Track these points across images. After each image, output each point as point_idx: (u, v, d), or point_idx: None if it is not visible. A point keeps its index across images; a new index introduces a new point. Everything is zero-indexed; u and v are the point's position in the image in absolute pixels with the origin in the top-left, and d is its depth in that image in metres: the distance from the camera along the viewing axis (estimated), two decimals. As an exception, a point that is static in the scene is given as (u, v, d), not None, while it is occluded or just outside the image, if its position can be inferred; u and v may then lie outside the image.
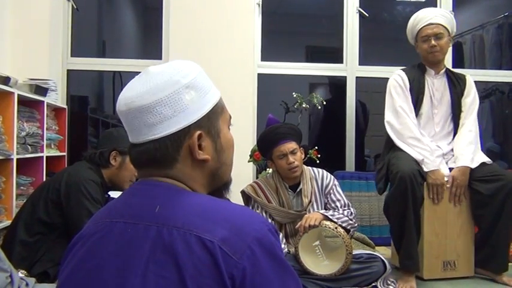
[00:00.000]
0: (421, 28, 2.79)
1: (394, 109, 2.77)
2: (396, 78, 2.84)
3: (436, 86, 2.84)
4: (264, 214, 2.59)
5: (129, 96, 0.81)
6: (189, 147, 0.82)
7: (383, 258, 2.49)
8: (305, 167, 2.66)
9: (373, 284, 2.45)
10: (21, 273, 1.85)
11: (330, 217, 2.46)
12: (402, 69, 2.90)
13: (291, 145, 2.52)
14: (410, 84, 2.80)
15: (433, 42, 2.75)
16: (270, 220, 2.57)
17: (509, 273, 2.63)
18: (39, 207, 2.06)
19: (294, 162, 2.50)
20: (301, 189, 2.59)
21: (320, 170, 2.71)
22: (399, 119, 2.74)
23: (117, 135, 2.21)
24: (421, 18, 2.80)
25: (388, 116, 2.80)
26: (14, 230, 2.07)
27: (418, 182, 2.52)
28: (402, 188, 2.48)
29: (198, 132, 0.82)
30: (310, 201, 2.58)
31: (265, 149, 2.62)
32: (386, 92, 2.87)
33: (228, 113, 0.92)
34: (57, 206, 2.05)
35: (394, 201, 2.55)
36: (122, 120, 0.85)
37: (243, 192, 2.66)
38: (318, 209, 2.60)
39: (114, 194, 2.38)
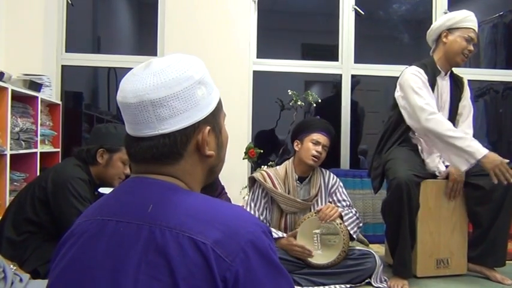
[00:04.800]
0: (469, 28, 2.74)
1: (421, 107, 2.58)
2: (417, 75, 2.67)
3: (444, 88, 2.82)
4: (265, 201, 2.62)
5: (140, 88, 0.78)
6: (197, 143, 0.82)
7: (375, 254, 2.52)
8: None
9: (367, 280, 2.47)
10: (12, 266, 1.85)
11: (343, 215, 2.51)
12: (418, 66, 2.74)
13: (327, 141, 2.66)
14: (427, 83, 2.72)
15: (472, 47, 2.73)
16: (273, 208, 2.61)
17: (503, 271, 2.65)
18: (26, 206, 2.03)
19: (320, 154, 2.61)
20: (310, 179, 2.67)
21: (327, 170, 2.78)
22: (436, 123, 2.54)
23: (105, 132, 2.17)
24: (473, 20, 2.76)
25: (424, 122, 2.56)
26: (1, 228, 2.05)
27: (415, 188, 2.49)
28: (398, 195, 2.46)
29: (208, 127, 0.82)
30: (316, 194, 2.63)
31: (304, 128, 2.70)
32: (406, 87, 2.67)
33: (223, 111, 0.92)
34: (45, 205, 2.02)
35: (389, 208, 2.55)
36: (125, 112, 0.81)
37: (251, 177, 2.72)
38: (321, 205, 2.63)
39: (105, 190, 2.36)
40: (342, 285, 2.44)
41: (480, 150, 2.41)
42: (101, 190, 2.29)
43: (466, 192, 2.69)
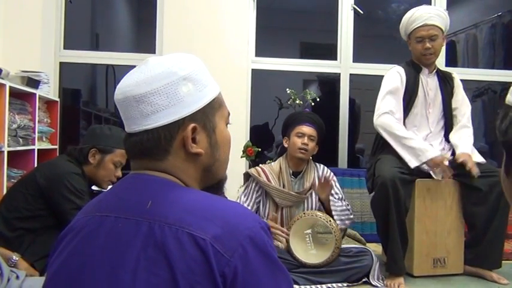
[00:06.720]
0: (416, 28, 2.74)
1: (382, 112, 2.73)
2: (394, 76, 2.79)
3: (430, 85, 2.84)
4: (257, 195, 2.68)
5: (126, 84, 0.81)
6: (183, 140, 0.81)
7: (372, 251, 2.53)
8: (310, 159, 2.79)
9: (364, 279, 2.48)
10: (15, 256, 1.86)
11: (331, 202, 2.57)
12: (401, 65, 2.85)
13: (313, 132, 2.67)
14: (406, 82, 2.78)
15: (427, 44, 2.71)
16: (268, 202, 2.66)
17: (499, 270, 2.66)
18: (18, 203, 2.03)
19: (307, 145, 2.63)
20: (304, 174, 2.71)
21: (321, 164, 2.82)
22: (387, 121, 2.70)
23: (99, 133, 2.18)
24: (417, 17, 2.73)
25: (376, 119, 2.76)
26: None
27: (401, 185, 2.50)
28: (384, 193, 2.50)
29: (192, 125, 0.81)
30: (310, 188, 2.66)
31: (289, 123, 2.75)
32: (381, 86, 2.83)
33: (227, 110, 0.91)
34: (38, 199, 2.02)
35: (377, 206, 2.60)
36: (118, 108, 0.84)
37: (245, 173, 2.77)
38: (315, 198, 2.68)
39: (98, 189, 2.37)
40: (339, 284, 2.45)
41: (426, 154, 2.58)
42: (95, 188, 2.29)
43: (463, 193, 2.69)
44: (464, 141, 2.73)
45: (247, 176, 2.76)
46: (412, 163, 2.60)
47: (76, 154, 2.15)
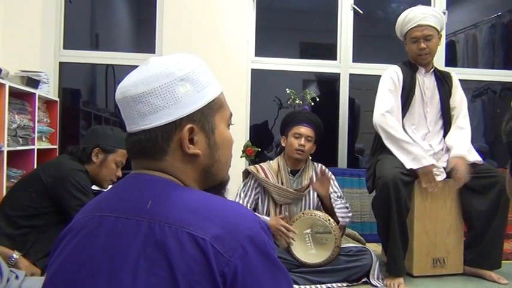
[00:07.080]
0: (411, 29, 2.76)
1: (383, 111, 2.74)
2: (392, 75, 2.81)
3: (426, 84, 2.84)
4: (256, 193, 2.69)
5: (125, 84, 0.82)
6: (180, 141, 0.81)
7: (371, 251, 2.54)
8: (309, 159, 2.81)
9: (364, 279, 2.48)
10: (15, 255, 1.87)
11: (332, 200, 2.60)
12: (398, 64, 2.87)
13: (310, 132, 2.67)
14: (403, 81, 2.79)
15: (422, 45, 2.73)
16: (266, 200, 2.67)
17: (500, 270, 2.65)
18: (22, 201, 2.04)
19: (304, 146, 2.64)
20: (302, 172, 2.72)
21: (319, 164, 2.83)
22: (387, 121, 2.71)
23: (102, 133, 2.21)
24: (411, 18, 2.76)
25: (377, 118, 2.77)
26: None
27: (402, 186, 2.50)
28: (385, 194, 2.50)
29: (189, 125, 0.81)
30: (308, 185, 2.67)
31: (287, 123, 2.76)
32: (379, 85, 2.85)
33: (229, 111, 0.91)
34: (44, 198, 2.04)
35: (378, 206, 2.60)
36: (119, 108, 0.85)
37: (245, 170, 2.79)
38: (314, 196, 2.69)
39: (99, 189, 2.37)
40: (339, 284, 2.45)
41: (421, 161, 2.58)
42: (95, 188, 2.30)
43: (462, 193, 2.70)
44: (459, 143, 2.72)
45: (246, 174, 2.78)
46: (408, 164, 2.61)
47: (79, 153, 2.17)
